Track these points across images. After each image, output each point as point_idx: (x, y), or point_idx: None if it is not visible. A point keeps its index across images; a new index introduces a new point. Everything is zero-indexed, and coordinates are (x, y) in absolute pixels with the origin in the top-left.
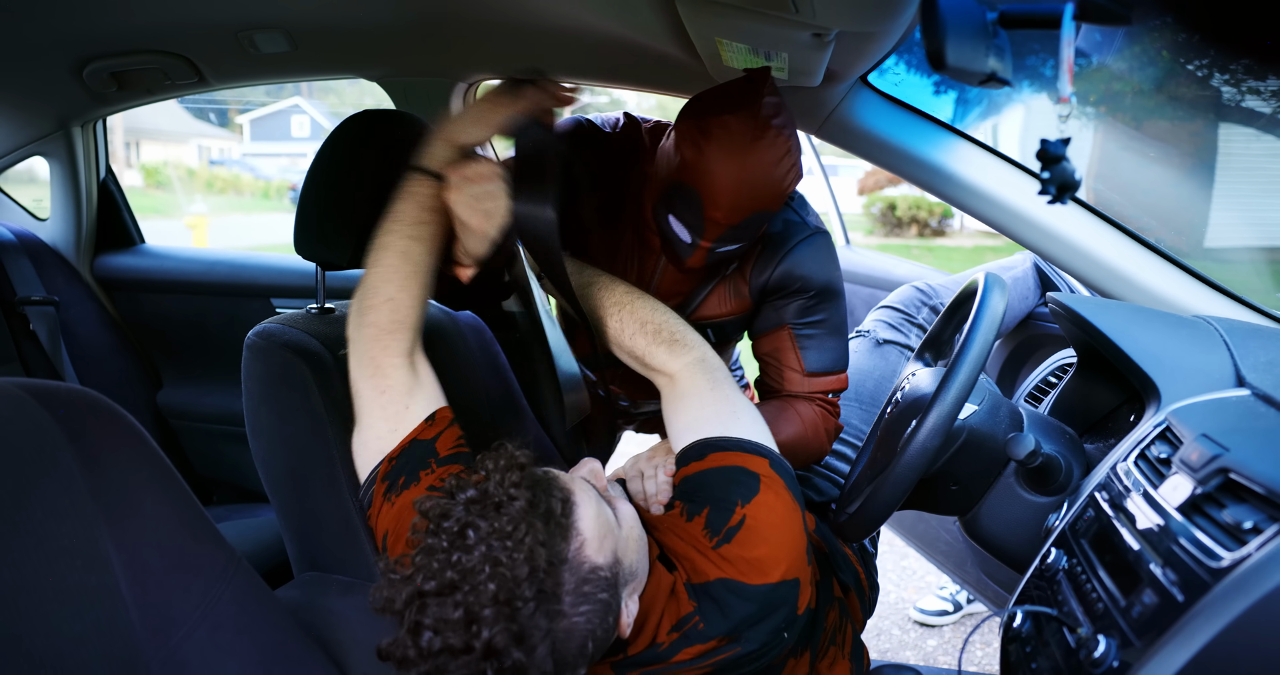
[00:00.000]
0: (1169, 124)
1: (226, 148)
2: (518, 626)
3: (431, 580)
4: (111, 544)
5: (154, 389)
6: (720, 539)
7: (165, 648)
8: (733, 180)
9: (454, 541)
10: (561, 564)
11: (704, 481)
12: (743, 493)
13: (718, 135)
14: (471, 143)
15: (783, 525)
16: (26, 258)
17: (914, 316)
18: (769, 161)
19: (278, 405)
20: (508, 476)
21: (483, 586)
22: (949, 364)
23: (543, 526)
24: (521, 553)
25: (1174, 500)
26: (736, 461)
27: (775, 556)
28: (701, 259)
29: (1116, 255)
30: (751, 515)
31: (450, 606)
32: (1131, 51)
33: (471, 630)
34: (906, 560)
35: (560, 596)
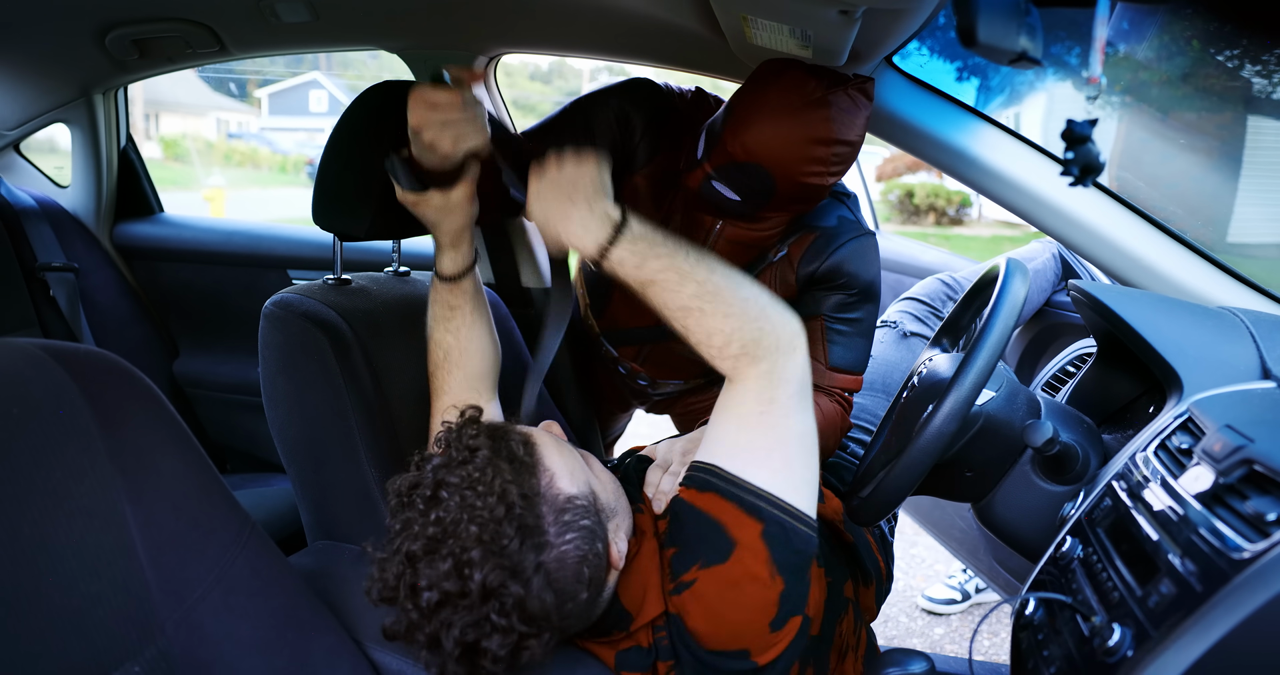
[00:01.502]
0: (1195, 115)
1: (245, 121)
2: (508, 562)
3: (416, 542)
4: (128, 505)
5: (170, 357)
6: (674, 587)
7: (180, 609)
8: (760, 120)
9: (429, 503)
10: (536, 497)
11: (687, 519)
12: (708, 555)
13: (784, 79)
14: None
15: (737, 604)
16: (48, 224)
17: (939, 309)
18: (801, 132)
19: (295, 375)
20: (464, 431)
21: (464, 532)
22: (968, 348)
23: (508, 467)
24: (494, 495)
25: (1194, 491)
26: (725, 518)
27: (717, 630)
28: (698, 179)
29: (1141, 244)
30: (704, 582)
31: (440, 559)
32: (1160, 40)
33: (464, 574)
34: (915, 548)
35: (543, 529)
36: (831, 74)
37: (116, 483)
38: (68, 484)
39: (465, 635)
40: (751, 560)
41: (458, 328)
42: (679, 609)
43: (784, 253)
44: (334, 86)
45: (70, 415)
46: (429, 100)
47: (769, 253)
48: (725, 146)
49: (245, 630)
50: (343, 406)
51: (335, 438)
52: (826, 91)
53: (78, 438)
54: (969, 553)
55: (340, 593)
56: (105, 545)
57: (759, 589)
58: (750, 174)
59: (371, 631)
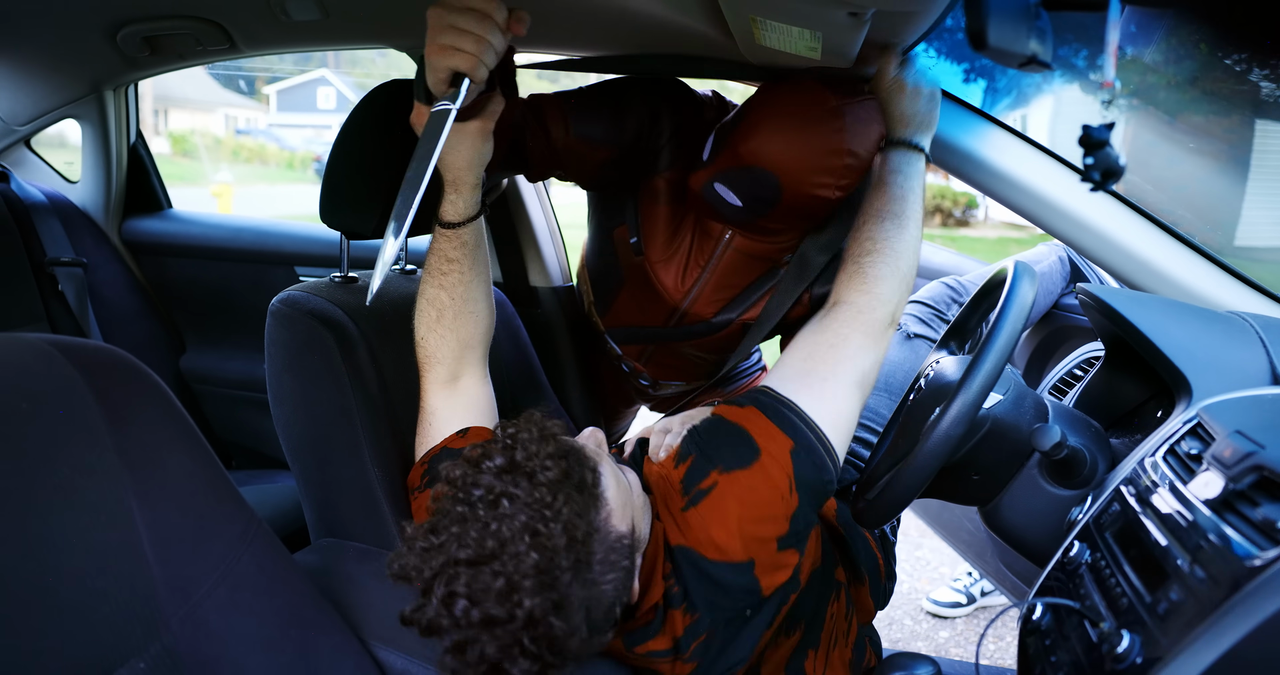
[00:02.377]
0: (1203, 118)
1: (253, 118)
2: (558, 595)
3: (467, 548)
4: (135, 501)
5: (177, 353)
6: (688, 501)
7: (186, 606)
8: (770, 124)
9: (490, 510)
10: (595, 534)
11: (715, 429)
12: (729, 460)
13: (800, 88)
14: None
15: (753, 509)
16: (57, 219)
17: (944, 313)
18: (811, 142)
19: (301, 372)
20: (542, 447)
21: (524, 556)
22: (976, 351)
23: (578, 497)
24: (560, 523)
25: (1204, 497)
26: (754, 429)
27: (729, 536)
28: (701, 181)
29: (1149, 247)
30: (724, 486)
31: (489, 576)
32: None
33: (513, 599)
34: (921, 550)
35: (592, 565)
36: (847, 85)
37: (123, 479)
38: (75, 479)
39: (494, 655)
40: (777, 471)
41: (454, 285)
42: (685, 532)
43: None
44: (342, 84)
45: (77, 411)
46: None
47: (780, 269)
48: (735, 149)
49: (250, 627)
50: (348, 405)
51: (340, 436)
52: (842, 102)
53: (85, 433)
54: (976, 555)
55: (344, 590)
56: (111, 541)
57: (777, 499)
58: (756, 179)
59: (376, 629)
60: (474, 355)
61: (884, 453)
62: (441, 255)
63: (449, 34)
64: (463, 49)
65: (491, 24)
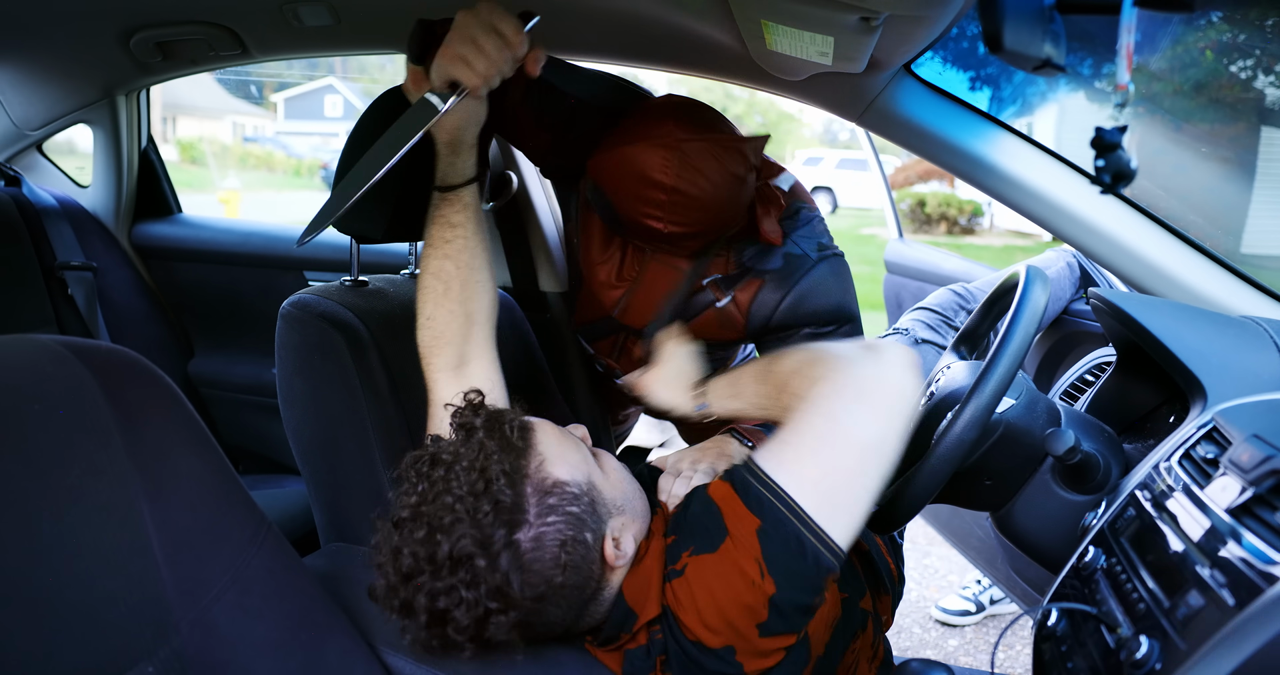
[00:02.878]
0: (1209, 126)
1: (260, 125)
2: (479, 533)
3: (404, 510)
4: (146, 503)
5: (186, 357)
6: (668, 573)
7: (195, 609)
8: (612, 141)
9: (421, 475)
10: (521, 478)
11: (692, 505)
12: (699, 543)
13: (651, 114)
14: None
15: (718, 596)
16: (67, 223)
17: (951, 319)
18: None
19: (312, 375)
20: (465, 412)
21: (442, 501)
22: (990, 355)
23: (496, 445)
24: (475, 470)
25: (1222, 501)
26: (725, 507)
27: (700, 626)
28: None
29: (1160, 252)
30: (691, 570)
31: (418, 526)
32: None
33: (435, 539)
34: (929, 558)
35: (522, 507)
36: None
37: (134, 480)
38: (86, 481)
39: (435, 602)
40: (742, 555)
41: (459, 252)
42: (671, 598)
43: (730, 299)
44: (349, 92)
45: (88, 413)
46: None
47: (711, 297)
48: (593, 160)
49: (260, 631)
50: (358, 407)
51: (350, 439)
52: (682, 140)
53: (96, 435)
54: (987, 562)
55: (354, 595)
56: (122, 543)
57: (745, 586)
58: (599, 195)
59: (385, 634)
60: (481, 334)
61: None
62: (444, 222)
63: (468, 46)
64: (473, 66)
65: (510, 56)
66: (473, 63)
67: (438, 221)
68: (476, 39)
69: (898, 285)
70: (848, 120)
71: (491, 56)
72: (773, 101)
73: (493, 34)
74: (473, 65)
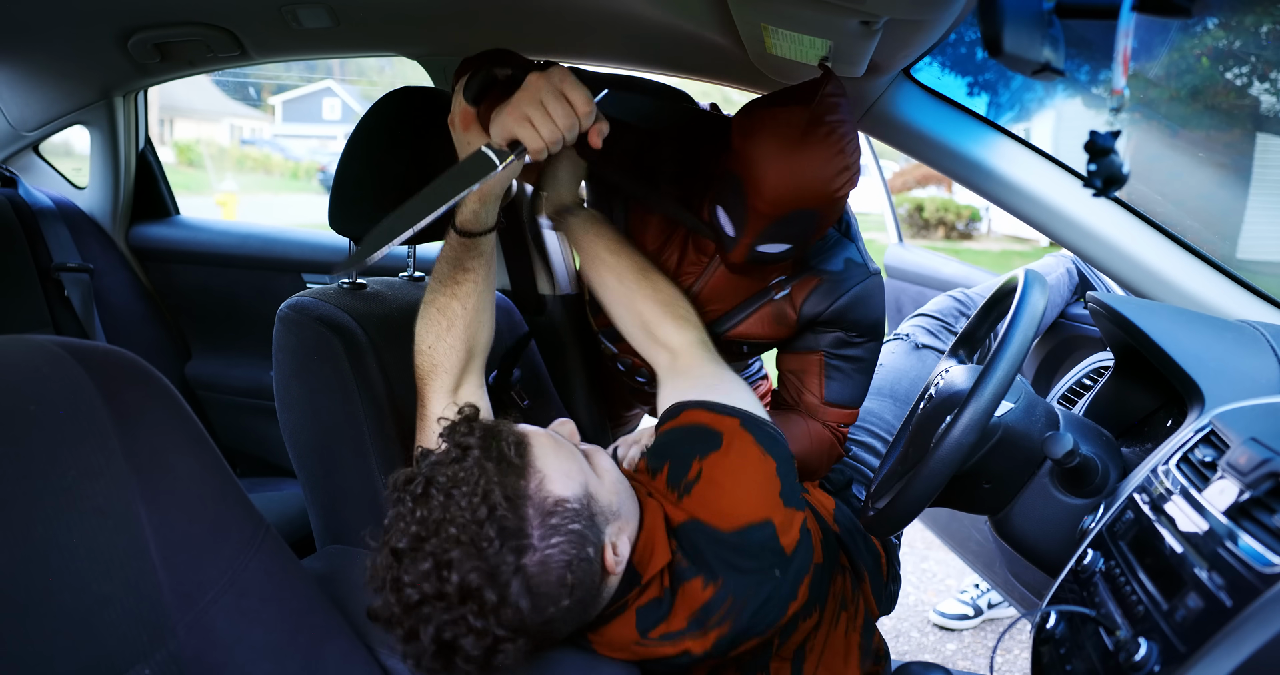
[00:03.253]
0: (1205, 132)
1: (258, 128)
2: (486, 565)
3: (403, 538)
4: (143, 505)
5: (182, 360)
6: (681, 492)
7: (192, 611)
8: (776, 169)
9: (417, 501)
10: (523, 500)
11: (670, 438)
12: (701, 449)
13: (767, 123)
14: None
15: (743, 476)
16: (64, 225)
17: (952, 325)
18: (817, 157)
19: (309, 378)
20: (459, 429)
21: (445, 532)
22: (988, 358)
23: (494, 468)
24: (477, 496)
25: (1220, 504)
26: (702, 420)
27: (738, 504)
28: (743, 254)
29: (1157, 257)
30: (708, 470)
31: (420, 559)
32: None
33: (442, 576)
34: (927, 562)
35: (526, 531)
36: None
37: (131, 482)
38: (82, 483)
39: (442, 633)
40: (740, 443)
41: (468, 294)
42: (690, 510)
43: (787, 292)
44: (347, 94)
45: (85, 414)
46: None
47: (771, 290)
48: (757, 211)
49: (257, 634)
50: (355, 411)
51: (347, 442)
52: (806, 108)
53: (93, 436)
54: (985, 565)
55: (352, 598)
56: (118, 545)
57: (757, 462)
58: (793, 221)
59: (384, 636)
60: (476, 363)
61: (894, 461)
62: (457, 264)
63: (537, 109)
64: (539, 130)
65: (576, 125)
66: (539, 126)
67: (451, 262)
68: (546, 103)
69: (898, 290)
70: None
71: (558, 123)
72: None
73: (562, 101)
74: (538, 129)
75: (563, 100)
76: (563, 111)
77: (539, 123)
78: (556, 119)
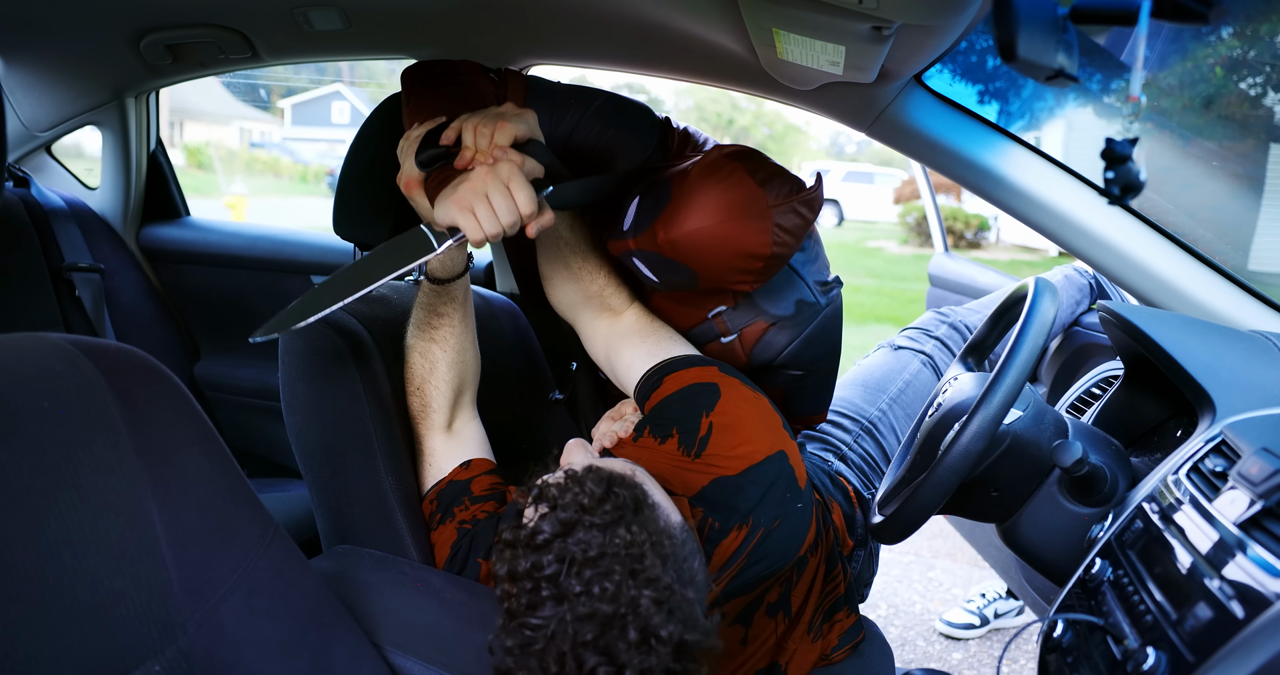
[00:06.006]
0: (1218, 142)
1: (267, 131)
2: (683, 614)
3: (586, 623)
4: (154, 502)
5: (191, 360)
6: (696, 450)
7: (202, 609)
8: (703, 225)
9: (576, 578)
10: (670, 540)
11: (667, 406)
12: (705, 404)
13: (734, 186)
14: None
15: (749, 415)
16: (75, 225)
17: (931, 331)
18: (739, 240)
19: (316, 381)
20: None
21: (639, 598)
22: (998, 365)
23: (639, 517)
24: (649, 550)
25: (1231, 515)
26: (689, 379)
27: (750, 441)
28: (618, 250)
29: (1169, 267)
30: (718, 420)
31: (619, 634)
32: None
33: (650, 644)
34: (933, 571)
35: (686, 567)
36: (783, 175)
37: (142, 479)
38: (95, 479)
39: None
40: (732, 387)
41: (445, 337)
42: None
43: (735, 337)
44: (356, 98)
45: (97, 411)
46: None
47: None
48: (655, 236)
49: (267, 632)
50: (361, 413)
51: (353, 444)
52: (771, 206)
53: (105, 433)
54: (1002, 569)
55: (360, 597)
56: (129, 542)
57: (753, 400)
58: (672, 268)
59: (392, 635)
60: (466, 398)
61: (902, 469)
62: (431, 310)
63: (482, 203)
64: (480, 221)
65: (518, 221)
66: (481, 219)
67: (425, 308)
68: (491, 197)
69: (939, 297)
70: (857, 130)
71: (500, 219)
72: (779, 113)
73: (508, 197)
74: (480, 221)
75: (508, 196)
76: (506, 208)
77: (482, 216)
78: (500, 214)
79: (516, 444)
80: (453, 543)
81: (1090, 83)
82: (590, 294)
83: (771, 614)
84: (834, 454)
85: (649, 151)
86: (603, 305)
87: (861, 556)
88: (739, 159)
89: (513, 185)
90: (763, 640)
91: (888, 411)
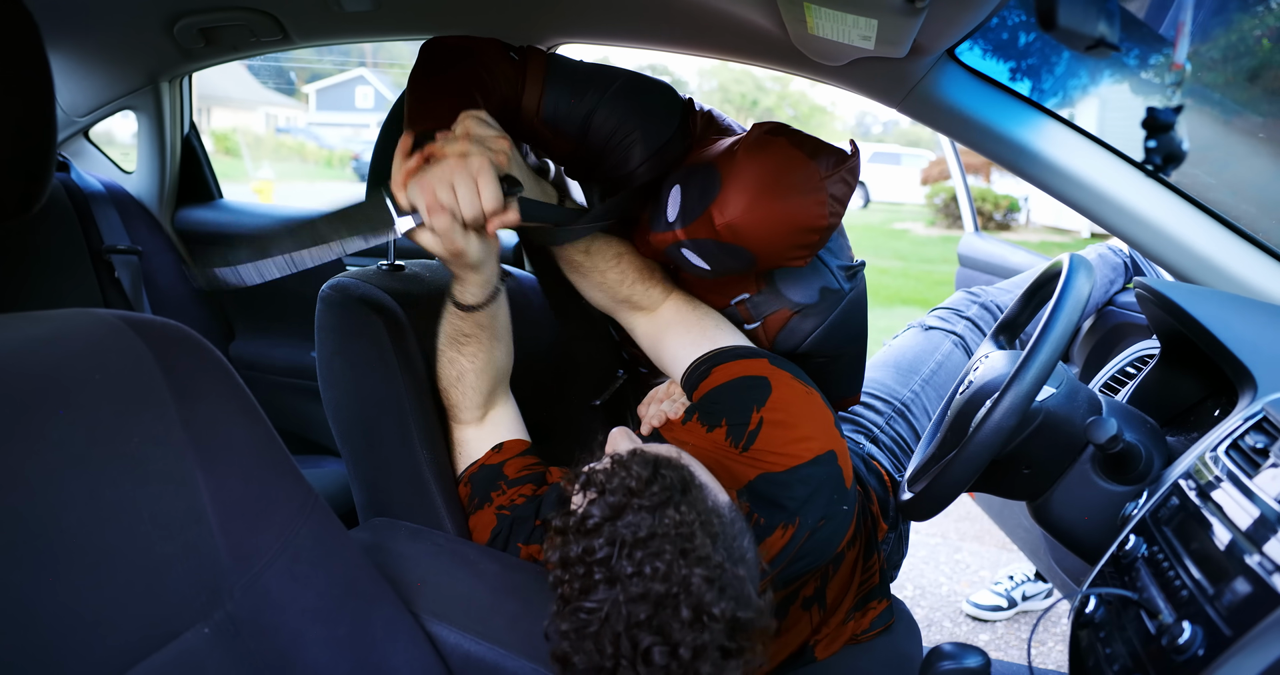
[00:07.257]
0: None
1: (293, 116)
2: (735, 591)
3: (639, 603)
4: (200, 472)
5: (227, 340)
6: (745, 443)
7: (248, 575)
8: (758, 205)
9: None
10: (719, 519)
11: (717, 397)
12: (757, 398)
13: (781, 162)
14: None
15: (801, 413)
16: (114, 208)
17: (963, 311)
18: (798, 221)
19: (352, 356)
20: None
21: (691, 577)
22: (1031, 341)
23: (688, 497)
24: (698, 529)
25: (1271, 491)
26: (737, 372)
27: (801, 440)
28: (665, 243)
29: (1210, 243)
30: (769, 415)
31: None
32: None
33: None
34: (960, 553)
35: (737, 546)
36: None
37: (189, 450)
38: (145, 449)
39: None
40: (783, 382)
41: (473, 354)
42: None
43: (758, 324)
44: (380, 83)
45: (146, 384)
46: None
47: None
48: (711, 223)
49: (309, 598)
50: (396, 388)
51: (388, 418)
52: (824, 177)
53: (154, 405)
54: (1031, 550)
55: (397, 567)
56: (179, 510)
57: (805, 396)
58: (730, 253)
59: (429, 605)
60: (497, 393)
61: (932, 446)
62: (457, 330)
63: (445, 190)
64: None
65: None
66: (442, 203)
67: (451, 326)
68: (456, 187)
69: (969, 277)
70: (888, 106)
71: (461, 210)
72: (804, 93)
73: (472, 190)
74: (441, 205)
75: (473, 189)
76: (469, 201)
77: (444, 200)
78: (462, 205)
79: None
80: (492, 528)
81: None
82: (620, 298)
83: (806, 607)
84: (865, 436)
85: (671, 133)
86: (634, 306)
87: (892, 539)
88: (782, 134)
89: (481, 180)
90: (797, 631)
91: (920, 393)
